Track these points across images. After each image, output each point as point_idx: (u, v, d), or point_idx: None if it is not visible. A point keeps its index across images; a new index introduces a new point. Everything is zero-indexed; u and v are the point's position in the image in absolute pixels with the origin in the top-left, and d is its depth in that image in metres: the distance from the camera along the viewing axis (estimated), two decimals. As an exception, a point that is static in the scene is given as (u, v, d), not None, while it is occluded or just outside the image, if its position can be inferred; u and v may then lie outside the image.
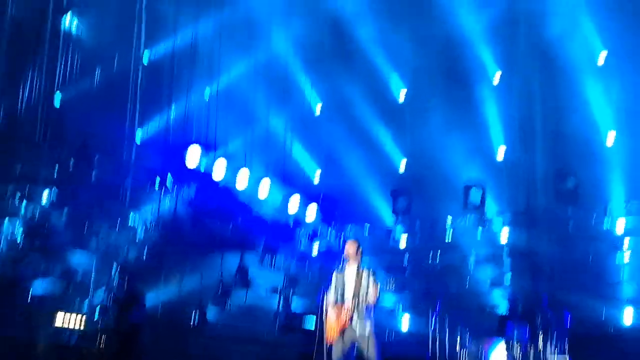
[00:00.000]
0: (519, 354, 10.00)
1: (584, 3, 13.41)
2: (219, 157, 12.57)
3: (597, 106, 13.68)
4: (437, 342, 10.52)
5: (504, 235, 13.89)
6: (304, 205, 13.84)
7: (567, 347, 10.19)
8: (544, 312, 10.25)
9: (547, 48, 13.88)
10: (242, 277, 12.33)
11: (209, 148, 12.69)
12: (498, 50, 14.77)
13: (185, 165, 12.08)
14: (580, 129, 13.66)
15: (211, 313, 11.41)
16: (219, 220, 12.37)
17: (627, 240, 13.05)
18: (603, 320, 12.40)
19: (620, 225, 13.03)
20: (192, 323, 10.53)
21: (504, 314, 11.15)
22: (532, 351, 10.12)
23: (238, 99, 14.00)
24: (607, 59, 13.82)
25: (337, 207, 14.81)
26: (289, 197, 13.56)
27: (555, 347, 10.16)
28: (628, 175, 13.12)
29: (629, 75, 13.15)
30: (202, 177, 12.31)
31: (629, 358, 11.57)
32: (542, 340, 10.15)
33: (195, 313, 10.85)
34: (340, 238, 14.16)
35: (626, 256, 13.02)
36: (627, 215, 12.97)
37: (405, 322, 13.98)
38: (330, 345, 8.35)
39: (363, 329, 8.07)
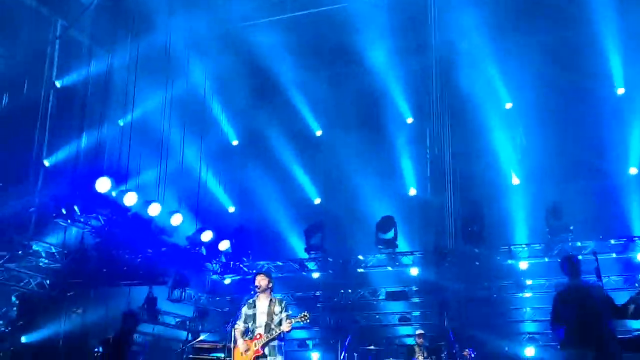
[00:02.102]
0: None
1: (492, 57, 14.09)
2: (130, 190, 12.29)
3: (503, 150, 14.29)
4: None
5: (413, 272, 14.18)
6: (217, 238, 13.68)
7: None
8: (450, 346, 10.45)
9: (458, 95, 14.45)
10: (150, 310, 12.01)
11: (120, 179, 12.41)
12: (412, 96, 15.29)
13: (94, 193, 11.73)
14: (487, 171, 14.24)
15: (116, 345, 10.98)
16: (127, 251, 12.03)
17: (528, 281, 13.57)
18: (506, 356, 12.77)
19: (522, 266, 13.54)
20: (95, 355, 10.10)
21: (412, 344, 11.30)
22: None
23: (152, 131, 13.80)
24: (512, 108, 14.54)
25: (251, 241, 14.75)
26: (202, 229, 13.38)
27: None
28: (530, 216, 13.68)
29: (532, 120, 13.85)
30: (112, 206, 11.97)
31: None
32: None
33: (99, 346, 10.44)
34: (252, 271, 14.07)
35: (529, 294, 13.54)
36: (529, 256, 13.49)
37: (315, 358, 13.97)
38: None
39: (275, 358, 8.04)
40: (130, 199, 11.86)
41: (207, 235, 13.46)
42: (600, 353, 6.62)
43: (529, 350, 12.96)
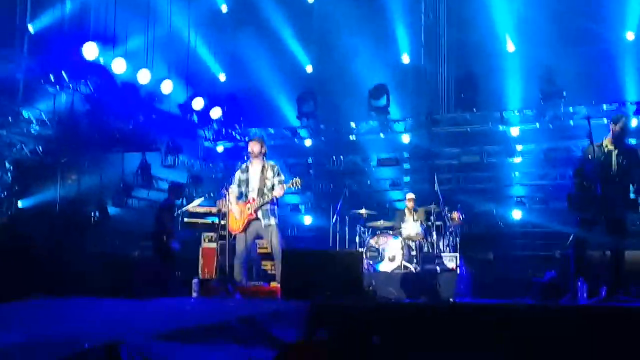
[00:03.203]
0: (415, 247, 10.49)
1: None
2: (118, 55, 12.03)
3: (499, 16, 13.94)
4: (338, 237, 10.91)
5: (405, 139, 14.29)
6: (208, 105, 13.62)
7: (458, 242, 10.79)
8: (439, 209, 10.70)
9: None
10: (144, 176, 12.15)
11: (108, 45, 12.12)
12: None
13: (82, 59, 11.50)
14: (482, 37, 13.97)
15: (112, 210, 11.25)
16: (119, 118, 11.99)
17: (519, 145, 13.71)
18: (493, 218, 13.17)
19: (514, 131, 13.63)
20: (92, 219, 10.36)
21: (402, 208, 11.57)
22: (426, 245, 10.65)
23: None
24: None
25: (242, 108, 14.70)
26: (193, 96, 13.28)
27: (448, 244, 10.74)
28: (524, 83, 13.60)
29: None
30: (101, 73, 11.78)
31: (516, 249, 12.47)
32: (436, 236, 10.69)
33: (95, 211, 10.67)
34: (244, 139, 14.15)
35: (518, 159, 13.74)
36: (520, 121, 13.55)
37: (308, 220, 14.35)
38: (234, 237, 8.52)
39: (267, 221, 8.28)
40: (119, 66, 11.67)
41: (198, 103, 13.39)
42: (612, 214, 6.81)
43: (516, 213, 13.34)
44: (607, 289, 6.80)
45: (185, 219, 10.06)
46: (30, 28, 12.29)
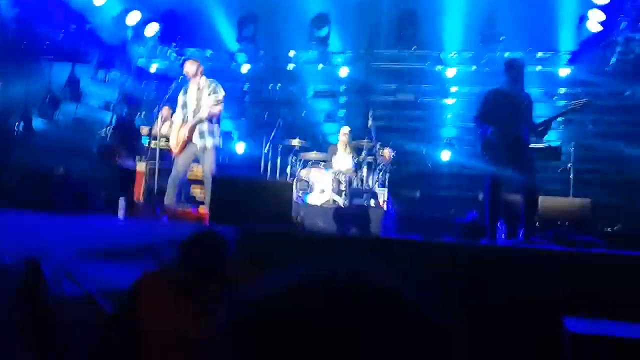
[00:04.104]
0: (345, 181, 10.61)
1: None
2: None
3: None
4: (270, 166, 10.91)
5: (343, 72, 14.24)
6: (144, 20, 13.11)
7: (387, 179, 10.98)
8: (371, 144, 10.80)
9: None
10: (73, 90, 11.70)
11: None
12: None
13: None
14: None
15: (37, 123, 10.84)
16: (48, 26, 11.40)
17: (454, 87, 13.89)
18: (423, 157, 13.42)
19: (450, 72, 13.77)
20: (15, 132, 9.95)
21: (335, 142, 11.61)
22: (356, 180, 10.78)
23: None
24: None
25: (180, 27, 14.23)
26: (128, 10, 12.74)
27: (377, 180, 10.91)
28: (464, 25, 13.65)
29: None
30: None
31: (442, 189, 12.81)
32: (366, 172, 10.83)
33: (20, 122, 10.26)
34: (180, 59, 13.76)
35: (452, 100, 13.94)
36: (457, 63, 13.69)
37: (240, 148, 14.26)
38: (165, 159, 8.40)
39: (202, 143, 8.16)
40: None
41: (133, 17, 12.87)
42: (519, 157, 7.04)
43: (445, 154, 13.63)
44: (524, 231, 7.10)
45: (115, 140, 9.84)
46: None
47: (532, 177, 7.15)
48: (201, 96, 8.24)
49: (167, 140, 8.67)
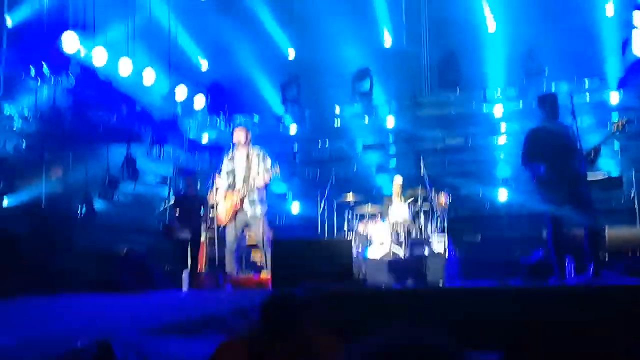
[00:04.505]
0: (403, 232, 10.51)
1: None
2: (98, 45, 11.91)
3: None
4: (326, 225, 10.92)
5: (390, 123, 14.30)
6: (191, 94, 13.54)
7: (446, 225, 10.83)
8: (426, 192, 10.71)
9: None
10: (130, 169, 12.07)
11: (88, 36, 11.99)
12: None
13: (61, 52, 11.37)
14: (463, 16, 13.95)
15: (98, 205, 11.17)
16: (102, 111, 11.88)
17: (503, 124, 13.76)
18: (480, 200, 13.21)
19: (498, 111, 13.67)
20: (79, 214, 10.26)
21: (389, 194, 11.55)
22: (414, 229, 10.67)
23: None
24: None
25: (226, 97, 14.63)
26: (175, 86, 13.19)
27: (436, 226, 10.77)
28: (506, 62, 13.63)
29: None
30: (82, 65, 11.66)
31: (503, 230, 12.53)
32: (424, 220, 10.71)
33: (82, 205, 10.58)
34: (229, 127, 14.08)
35: (503, 139, 13.77)
36: (503, 101, 13.60)
37: (295, 208, 14.34)
38: (224, 228, 8.51)
39: (254, 211, 8.27)
40: (99, 56, 11.55)
41: (181, 92, 13.29)
42: (575, 189, 6.89)
43: (502, 194, 13.37)
44: (593, 266, 6.88)
45: (176, 211, 10.04)
46: (9, 20, 12.12)
47: (592, 211, 6.98)
48: (251, 165, 8.39)
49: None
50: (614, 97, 12.96)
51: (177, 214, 10.10)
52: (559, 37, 12.96)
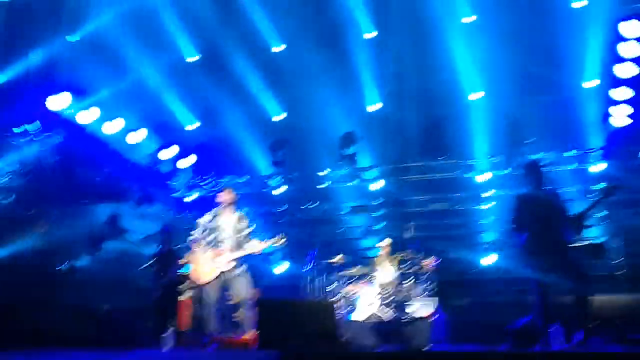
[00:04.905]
0: (390, 294, 10.43)
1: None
2: (89, 103, 12.02)
3: (462, 64, 14.27)
4: (312, 286, 10.84)
5: (375, 187, 14.40)
6: (180, 156, 13.61)
7: (435, 289, 10.80)
8: (412, 255, 10.72)
9: (419, 9, 14.26)
10: (114, 227, 11.99)
11: (77, 96, 12.11)
12: (372, 11, 15.03)
13: (50, 111, 11.45)
14: (447, 86, 14.27)
15: (82, 261, 11.04)
16: (88, 169, 11.89)
17: (488, 191, 13.91)
18: (466, 264, 13.24)
19: (481, 179, 13.85)
20: (60, 271, 10.12)
21: (375, 256, 11.53)
22: (401, 292, 10.60)
23: (107, 46, 13.39)
24: (472, 22, 14.38)
25: (215, 158, 14.71)
26: (165, 147, 13.26)
27: (424, 289, 10.73)
28: (490, 131, 13.87)
29: (492, 35, 13.78)
30: (70, 124, 11.73)
31: (490, 295, 12.52)
32: (412, 283, 10.67)
33: (65, 262, 10.45)
34: (217, 188, 14.08)
35: (488, 205, 13.91)
36: (488, 168, 13.79)
37: (279, 270, 14.25)
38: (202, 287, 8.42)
39: (237, 270, 8.21)
40: (87, 116, 11.64)
41: (167, 152, 13.36)
42: (561, 259, 6.90)
43: (489, 259, 13.41)
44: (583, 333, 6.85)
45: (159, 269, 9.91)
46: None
47: (579, 278, 6.96)
48: (239, 227, 8.38)
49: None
50: (596, 167, 13.19)
51: (153, 271, 9.95)
52: (542, 108, 13.27)
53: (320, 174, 14.68)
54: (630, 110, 11.74)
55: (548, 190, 7.31)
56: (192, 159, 13.94)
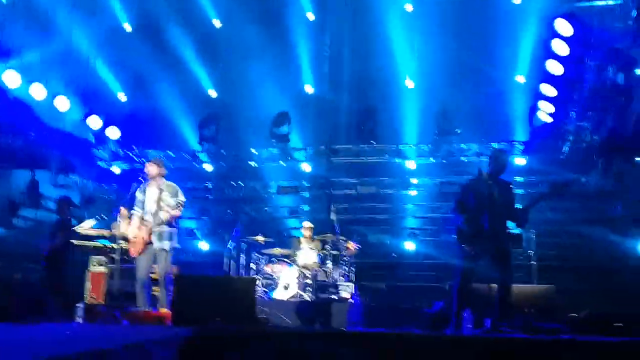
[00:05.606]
0: (310, 275, 10.52)
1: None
2: (11, 68, 11.55)
3: (400, 52, 14.38)
4: (234, 264, 10.82)
5: (305, 168, 14.43)
6: (106, 125, 13.25)
7: (353, 273, 10.94)
8: (335, 238, 10.82)
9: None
10: (32, 195, 11.61)
11: (3, 57, 11.62)
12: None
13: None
14: (383, 72, 14.37)
15: (-1, 228, 10.67)
16: (9, 133, 11.45)
17: (414, 180, 14.15)
18: (387, 248, 13.46)
19: (410, 165, 14.05)
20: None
21: (299, 236, 11.59)
22: (321, 274, 10.71)
23: (36, 9, 12.88)
24: (413, 11, 14.48)
25: (142, 130, 14.40)
26: (90, 115, 12.89)
27: (343, 273, 10.85)
28: (421, 118, 14.06)
29: (430, 25, 13.92)
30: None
31: (408, 280, 12.78)
32: (332, 266, 10.78)
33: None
34: (142, 161, 13.83)
35: (413, 192, 14.15)
36: (416, 157, 14.00)
37: (204, 246, 14.14)
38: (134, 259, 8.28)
39: (160, 245, 8.09)
40: (12, 79, 11.20)
41: (95, 121, 13.00)
42: (494, 247, 7.05)
43: (409, 244, 13.67)
44: (492, 320, 7.05)
45: (75, 241, 9.62)
46: None
47: (507, 267, 7.13)
48: (161, 198, 8.24)
49: (127, 240, 8.55)
50: (519, 160, 13.54)
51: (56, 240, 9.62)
52: (472, 100, 13.53)
53: (252, 151, 14.57)
54: (552, 108, 11.99)
55: (501, 181, 7.38)
56: (118, 130, 13.58)
